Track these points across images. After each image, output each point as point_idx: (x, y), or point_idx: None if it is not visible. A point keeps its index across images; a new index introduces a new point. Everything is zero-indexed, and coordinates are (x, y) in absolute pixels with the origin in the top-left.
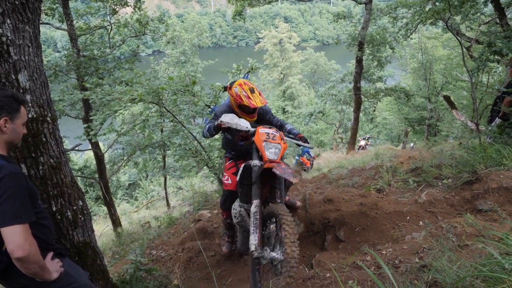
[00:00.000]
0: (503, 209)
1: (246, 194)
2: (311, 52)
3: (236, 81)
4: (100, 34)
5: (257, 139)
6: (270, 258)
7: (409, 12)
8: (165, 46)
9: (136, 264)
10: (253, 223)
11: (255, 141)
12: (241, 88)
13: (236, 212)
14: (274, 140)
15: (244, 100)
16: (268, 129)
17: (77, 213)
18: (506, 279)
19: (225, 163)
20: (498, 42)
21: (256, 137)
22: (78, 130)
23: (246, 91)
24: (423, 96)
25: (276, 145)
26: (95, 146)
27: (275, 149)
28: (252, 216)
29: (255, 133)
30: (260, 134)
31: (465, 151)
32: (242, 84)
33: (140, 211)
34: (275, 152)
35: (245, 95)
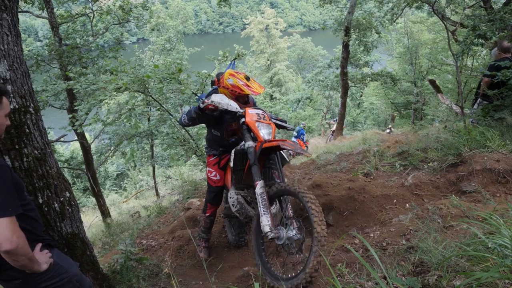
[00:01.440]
0: (486, 190)
1: (239, 180)
2: (297, 38)
3: (223, 73)
4: (82, 22)
5: (249, 120)
6: (287, 238)
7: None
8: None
9: (126, 254)
10: (262, 204)
11: (247, 122)
12: (236, 78)
13: (234, 200)
14: (265, 120)
15: (244, 89)
16: (257, 110)
17: (65, 205)
18: (489, 258)
19: (209, 159)
20: (482, 25)
21: (247, 118)
22: (63, 121)
23: (242, 80)
24: (409, 80)
25: (267, 125)
26: (81, 136)
27: (268, 130)
28: (260, 197)
29: (245, 114)
30: (251, 114)
31: (450, 134)
32: (234, 74)
33: (129, 201)
34: (268, 133)
35: (243, 84)
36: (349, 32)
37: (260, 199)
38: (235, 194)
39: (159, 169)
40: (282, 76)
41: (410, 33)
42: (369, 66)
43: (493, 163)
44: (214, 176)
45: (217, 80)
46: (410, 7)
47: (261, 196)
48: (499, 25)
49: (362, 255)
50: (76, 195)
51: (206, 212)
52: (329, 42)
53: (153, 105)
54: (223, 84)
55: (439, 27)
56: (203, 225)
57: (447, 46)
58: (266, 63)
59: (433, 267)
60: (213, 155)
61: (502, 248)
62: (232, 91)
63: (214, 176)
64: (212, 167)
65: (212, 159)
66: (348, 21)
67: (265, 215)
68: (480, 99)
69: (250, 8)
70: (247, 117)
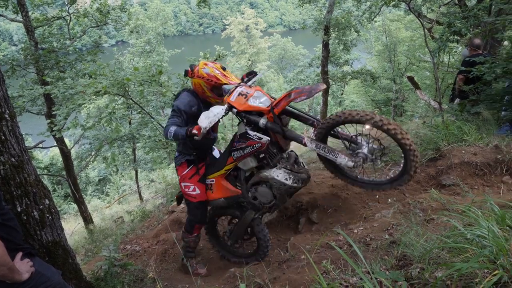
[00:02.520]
0: (465, 183)
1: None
2: (278, 37)
3: (197, 65)
4: (59, 25)
5: (240, 106)
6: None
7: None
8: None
9: (110, 260)
10: (327, 150)
11: (242, 110)
12: (213, 68)
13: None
14: (249, 92)
15: (221, 79)
16: (235, 92)
17: (44, 212)
18: (468, 249)
19: (183, 171)
20: (457, 22)
21: (239, 107)
22: (41, 126)
23: (219, 69)
24: (389, 77)
25: (256, 93)
26: (60, 142)
27: (260, 95)
28: (320, 148)
29: (233, 104)
30: (238, 99)
31: (429, 129)
32: (209, 63)
33: (112, 207)
34: (264, 99)
35: (219, 73)
36: (329, 31)
37: (320, 151)
38: (279, 170)
39: (142, 173)
40: (264, 76)
41: (388, 31)
42: (349, 64)
43: (471, 156)
44: (193, 191)
45: (191, 70)
46: (387, 6)
47: (317, 147)
48: (473, 21)
49: (347, 251)
50: (57, 202)
51: (193, 232)
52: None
53: (134, 108)
54: (198, 73)
55: (416, 24)
56: (191, 246)
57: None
58: (248, 63)
59: (415, 260)
60: (186, 164)
61: (480, 239)
62: (208, 81)
63: (193, 191)
64: (189, 181)
65: (186, 171)
66: (327, 20)
67: (339, 155)
68: (458, 98)
69: (230, 8)
70: (238, 107)
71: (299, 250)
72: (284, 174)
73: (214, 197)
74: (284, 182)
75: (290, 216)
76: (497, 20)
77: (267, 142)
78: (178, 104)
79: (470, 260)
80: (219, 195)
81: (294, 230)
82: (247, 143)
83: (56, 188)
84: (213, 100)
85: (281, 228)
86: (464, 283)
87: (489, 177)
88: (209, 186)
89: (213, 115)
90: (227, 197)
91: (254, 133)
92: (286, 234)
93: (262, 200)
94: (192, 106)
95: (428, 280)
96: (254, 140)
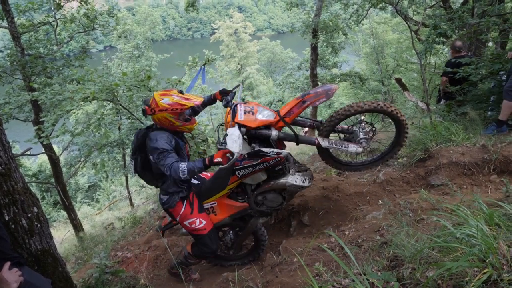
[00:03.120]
0: (453, 183)
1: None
2: (267, 41)
3: (151, 99)
4: (46, 30)
5: (253, 123)
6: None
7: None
8: (116, 41)
9: (101, 268)
10: (339, 144)
11: (254, 127)
12: (171, 96)
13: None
14: (254, 108)
15: (186, 103)
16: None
17: (33, 221)
18: (458, 247)
19: (180, 210)
20: (443, 24)
21: (251, 124)
22: (29, 133)
23: (177, 95)
24: (377, 79)
25: (258, 107)
26: (48, 149)
27: (265, 109)
28: (333, 144)
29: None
30: (247, 117)
31: (418, 130)
32: (164, 93)
33: (102, 213)
34: (268, 111)
35: (180, 98)
36: (317, 34)
37: (333, 146)
38: (294, 176)
39: (132, 179)
40: (253, 80)
41: (375, 33)
42: (337, 67)
43: (459, 156)
44: (199, 224)
45: (148, 107)
46: (374, 8)
47: (331, 144)
48: (458, 23)
49: (339, 253)
50: (46, 210)
51: (201, 259)
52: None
53: (123, 113)
54: (159, 107)
55: (403, 27)
56: (190, 266)
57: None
58: (237, 67)
59: (406, 260)
60: (181, 203)
61: (469, 238)
62: (172, 111)
63: (200, 224)
64: (191, 217)
65: (183, 209)
66: (315, 23)
67: (348, 148)
68: (443, 99)
69: (218, 12)
70: (250, 125)
71: (291, 253)
72: (300, 177)
73: (219, 218)
74: (302, 185)
75: (282, 219)
76: (481, 22)
77: (287, 155)
78: (160, 144)
79: (460, 259)
80: (224, 215)
81: (286, 233)
82: (260, 160)
83: (45, 195)
84: (183, 128)
85: (273, 231)
86: (455, 282)
87: (477, 177)
88: (210, 210)
89: (238, 137)
90: (233, 214)
91: (271, 149)
92: (278, 237)
93: (271, 205)
94: (171, 141)
95: (420, 280)
96: (271, 156)
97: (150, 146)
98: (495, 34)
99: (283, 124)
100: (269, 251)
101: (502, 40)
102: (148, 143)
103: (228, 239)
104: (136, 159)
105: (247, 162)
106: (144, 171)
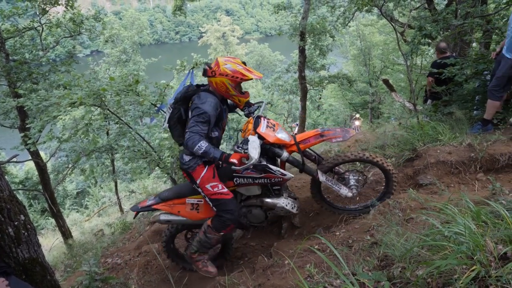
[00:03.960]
0: (441, 182)
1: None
2: (255, 44)
3: (215, 61)
4: (31, 36)
5: (270, 138)
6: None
7: (346, 1)
8: (104, 45)
9: (90, 275)
10: (334, 183)
11: (271, 142)
12: (234, 64)
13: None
14: (276, 125)
15: (247, 75)
16: (262, 122)
17: (20, 229)
18: (447, 245)
19: (201, 172)
20: (428, 26)
21: (269, 138)
22: (15, 140)
23: (241, 65)
24: (364, 81)
25: (279, 126)
26: (35, 155)
27: (283, 131)
28: (329, 181)
29: (262, 136)
30: (268, 131)
31: (405, 130)
32: (229, 59)
33: (92, 220)
34: (285, 133)
35: (243, 68)
36: (305, 37)
37: (329, 183)
38: (286, 200)
39: (121, 184)
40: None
41: (362, 35)
42: (325, 69)
43: (446, 155)
44: (222, 188)
45: (209, 68)
46: (360, 11)
47: (327, 180)
48: (443, 24)
49: (330, 254)
50: (34, 218)
51: (223, 231)
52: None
53: (111, 118)
54: (220, 71)
55: (389, 28)
56: (212, 243)
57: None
58: None
59: (396, 259)
60: (203, 166)
61: (457, 236)
62: (232, 78)
63: (223, 189)
64: (214, 181)
65: (205, 172)
66: (302, 26)
67: (340, 189)
68: (430, 100)
69: (206, 16)
70: (268, 138)
71: (282, 255)
72: (291, 203)
73: (199, 217)
74: (291, 210)
75: (273, 222)
76: (465, 23)
77: (290, 178)
78: (207, 108)
79: (449, 257)
80: (206, 215)
81: (277, 235)
82: (264, 175)
83: (32, 203)
84: (236, 98)
85: (264, 233)
86: (444, 280)
87: (464, 175)
88: (194, 206)
89: (258, 146)
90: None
91: (277, 169)
92: (269, 239)
93: (253, 220)
94: (217, 108)
95: (410, 278)
96: (276, 175)
97: (196, 103)
98: (479, 35)
99: (295, 148)
100: (260, 254)
101: (486, 40)
102: (195, 100)
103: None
104: (175, 110)
105: (249, 173)
106: (177, 124)
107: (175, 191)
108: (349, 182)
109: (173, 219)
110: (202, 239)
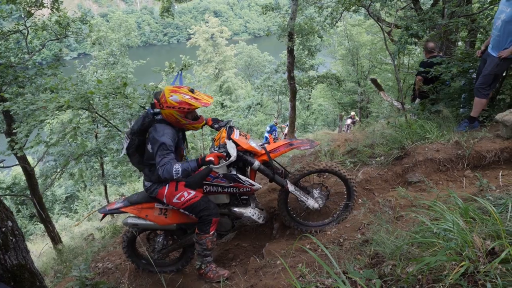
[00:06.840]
0: (430, 179)
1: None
2: (243, 45)
3: (161, 92)
4: (16, 39)
5: (244, 145)
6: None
7: (333, 1)
8: (91, 48)
9: (81, 280)
10: (301, 195)
11: (244, 149)
12: (180, 93)
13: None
14: (248, 134)
15: (194, 104)
16: (235, 130)
17: (7, 235)
18: (436, 242)
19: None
20: (414, 25)
21: (243, 145)
22: (1, 145)
23: (187, 94)
24: (353, 80)
25: (252, 139)
26: (22, 160)
27: (254, 140)
28: (296, 192)
29: (236, 143)
30: (241, 138)
31: (394, 129)
32: (176, 89)
33: (81, 224)
34: (257, 143)
35: (189, 98)
36: (293, 37)
37: (297, 193)
38: (253, 210)
39: (111, 188)
40: (231, 84)
41: (350, 35)
42: (314, 69)
43: (434, 153)
44: (188, 195)
45: (157, 101)
46: (348, 11)
47: (296, 191)
48: (429, 24)
49: (321, 253)
50: (22, 223)
51: (210, 230)
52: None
53: (100, 121)
54: (167, 103)
55: (376, 28)
56: (209, 246)
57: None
58: (215, 71)
59: (387, 257)
60: (164, 186)
61: (446, 232)
62: (180, 109)
63: (189, 195)
64: (177, 192)
65: (167, 188)
66: (291, 26)
67: (307, 200)
68: (418, 98)
69: (194, 18)
70: (242, 145)
71: (274, 255)
72: (258, 213)
73: (167, 222)
74: (257, 220)
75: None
76: (450, 22)
77: (258, 189)
78: (165, 140)
79: (438, 253)
80: (173, 221)
81: (269, 236)
82: (233, 185)
83: (20, 208)
84: (189, 126)
85: (256, 234)
86: (434, 276)
87: (452, 172)
88: (162, 211)
89: (235, 147)
90: (181, 223)
91: (246, 179)
92: (261, 240)
93: (219, 228)
94: (174, 138)
95: (400, 276)
96: (244, 185)
97: (154, 137)
98: (464, 33)
99: (265, 158)
100: (252, 255)
101: (471, 39)
102: (152, 132)
103: (159, 243)
104: (133, 140)
105: (219, 182)
106: (135, 153)
107: (144, 195)
108: (314, 195)
109: (140, 223)
110: (198, 250)
